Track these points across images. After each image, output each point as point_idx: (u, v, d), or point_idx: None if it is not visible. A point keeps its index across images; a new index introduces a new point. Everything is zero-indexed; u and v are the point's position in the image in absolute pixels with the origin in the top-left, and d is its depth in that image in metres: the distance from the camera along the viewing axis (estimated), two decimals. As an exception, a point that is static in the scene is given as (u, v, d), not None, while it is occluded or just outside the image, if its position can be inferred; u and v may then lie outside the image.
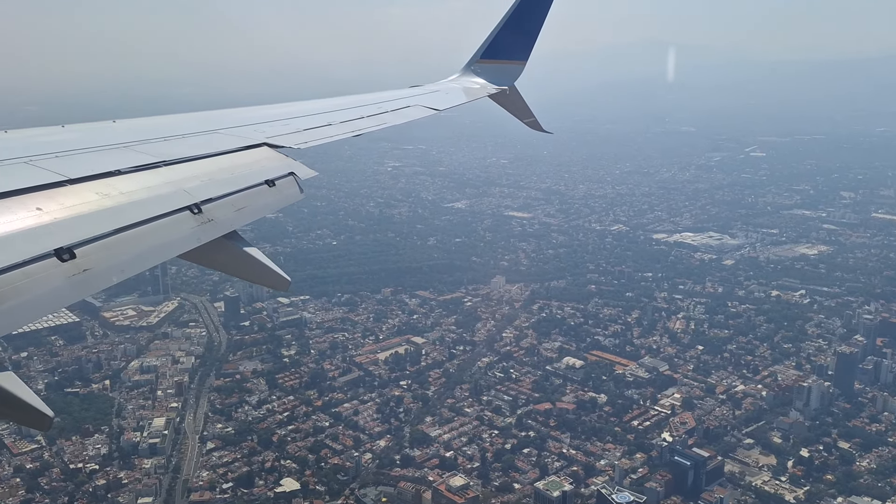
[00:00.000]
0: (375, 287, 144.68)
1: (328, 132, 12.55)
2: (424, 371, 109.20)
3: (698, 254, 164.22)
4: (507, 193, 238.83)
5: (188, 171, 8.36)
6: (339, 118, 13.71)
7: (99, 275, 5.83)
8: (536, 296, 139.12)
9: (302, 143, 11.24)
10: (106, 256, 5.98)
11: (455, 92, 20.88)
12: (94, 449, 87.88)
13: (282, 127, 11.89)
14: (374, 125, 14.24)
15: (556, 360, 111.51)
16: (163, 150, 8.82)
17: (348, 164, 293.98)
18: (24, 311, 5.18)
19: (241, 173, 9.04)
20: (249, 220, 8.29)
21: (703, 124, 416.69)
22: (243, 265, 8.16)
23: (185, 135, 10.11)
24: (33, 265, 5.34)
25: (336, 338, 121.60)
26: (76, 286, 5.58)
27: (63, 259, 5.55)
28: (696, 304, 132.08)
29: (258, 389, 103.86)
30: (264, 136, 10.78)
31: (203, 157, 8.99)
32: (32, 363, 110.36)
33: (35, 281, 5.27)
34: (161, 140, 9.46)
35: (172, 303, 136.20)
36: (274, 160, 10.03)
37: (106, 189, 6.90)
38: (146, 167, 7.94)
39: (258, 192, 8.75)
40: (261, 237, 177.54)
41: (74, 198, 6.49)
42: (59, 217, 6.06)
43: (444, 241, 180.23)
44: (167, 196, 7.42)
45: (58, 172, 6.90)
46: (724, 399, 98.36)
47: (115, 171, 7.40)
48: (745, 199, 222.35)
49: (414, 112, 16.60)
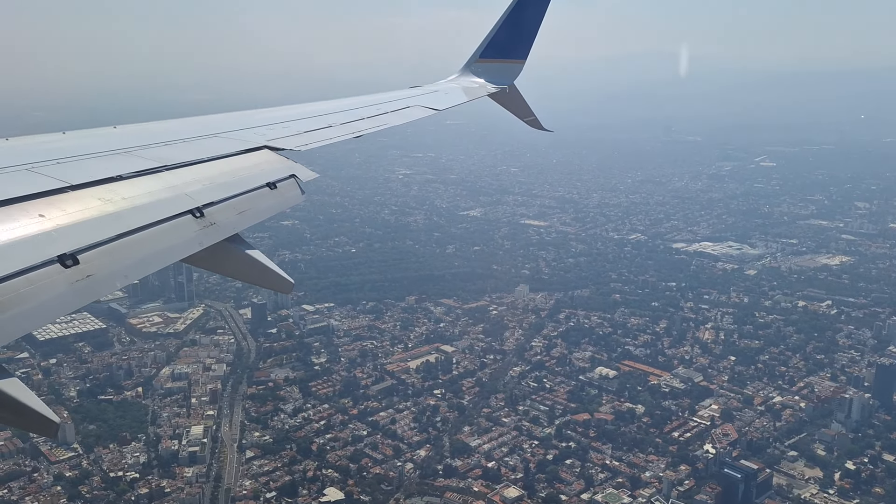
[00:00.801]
0: (399, 295, 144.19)
1: (329, 134, 12.66)
2: (457, 380, 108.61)
3: (720, 263, 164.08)
4: (520, 202, 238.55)
5: (189, 175, 8.41)
6: (340, 120, 13.82)
7: (102, 280, 5.86)
8: (561, 305, 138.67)
9: (302, 146, 11.33)
10: (109, 262, 6.02)
11: (455, 92, 20.85)
12: (133, 457, 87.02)
13: (282, 129, 12.00)
14: (374, 126, 14.32)
15: (589, 370, 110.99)
16: (164, 154, 8.87)
17: (359, 172, 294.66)
18: (28, 317, 5.21)
19: (243, 176, 9.12)
20: (251, 222, 8.34)
21: (710, 133, 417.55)
22: (246, 268, 8.23)
23: (186, 139, 10.17)
24: (37, 272, 5.37)
25: (365, 346, 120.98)
26: (80, 292, 5.61)
27: (66, 265, 5.59)
28: (723, 314, 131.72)
29: (292, 397, 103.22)
30: (265, 139, 10.89)
31: (204, 161, 9.06)
32: (62, 370, 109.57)
33: (39, 287, 5.30)
34: (162, 145, 9.52)
35: (197, 310, 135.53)
36: (275, 163, 10.13)
37: (108, 195, 6.93)
38: (148, 172, 7.98)
39: (260, 195, 8.84)
40: (279, 244, 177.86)
41: (77, 204, 6.52)
42: (61, 223, 6.09)
43: (463, 249, 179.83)
44: (169, 200, 7.49)
45: (59, 179, 6.91)
46: (763, 410, 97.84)
47: (116, 177, 7.44)
48: (760, 208, 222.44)
49: (414, 112, 16.62)
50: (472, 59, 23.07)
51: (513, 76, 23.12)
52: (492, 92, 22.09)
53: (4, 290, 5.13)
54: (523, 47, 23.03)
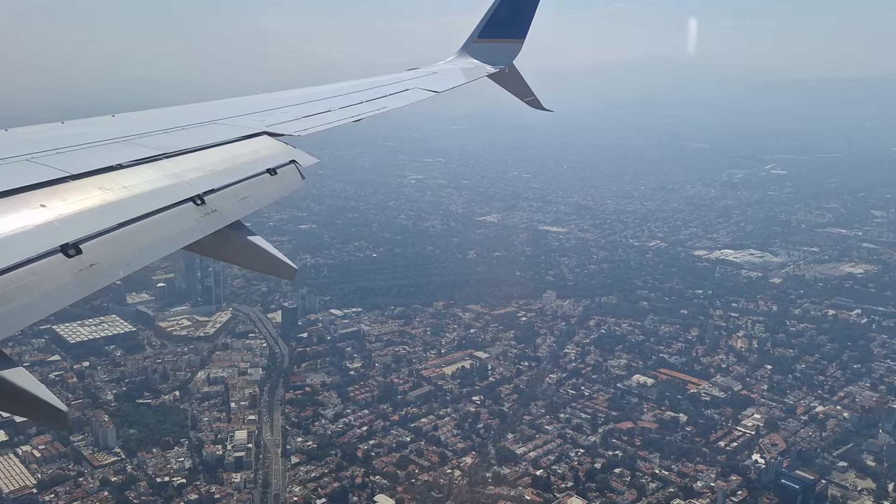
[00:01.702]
0: (426, 300, 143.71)
1: (328, 118, 12.59)
2: (494, 386, 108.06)
3: (744, 271, 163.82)
4: (536, 208, 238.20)
5: (189, 162, 8.40)
6: (339, 104, 13.73)
7: (106, 269, 5.87)
8: (590, 311, 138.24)
9: (302, 131, 11.30)
10: (112, 251, 6.03)
11: (453, 73, 20.60)
12: (178, 462, 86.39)
13: (281, 115, 11.92)
14: (373, 109, 14.24)
15: (626, 378, 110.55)
16: (163, 142, 8.84)
17: (370, 176, 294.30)
18: (33, 307, 5.21)
19: (242, 163, 9.11)
20: (252, 209, 8.33)
21: (717, 140, 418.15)
22: (249, 254, 8.25)
23: (185, 126, 10.09)
24: (40, 262, 5.37)
25: (397, 351, 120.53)
26: (84, 281, 5.63)
27: (69, 255, 5.60)
28: (753, 322, 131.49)
29: (331, 403, 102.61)
30: (264, 125, 10.85)
31: (203, 148, 9.03)
32: (96, 373, 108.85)
33: (42, 278, 5.30)
34: (161, 132, 9.48)
35: (225, 313, 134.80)
36: (274, 148, 10.10)
37: (108, 183, 6.94)
38: (147, 160, 7.97)
39: (260, 181, 8.85)
40: (300, 248, 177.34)
41: (77, 193, 6.52)
42: (62, 213, 6.10)
43: (484, 254, 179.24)
44: (169, 188, 7.49)
45: (59, 169, 6.91)
46: (807, 420, 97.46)
47: (116, 166, 7.44)
48: (777, 216, 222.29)
49: (413, 95, 16.51)
50: (471, 39, 22.82)
51: (511, 56, 22.80)
52: (491, 72, 21.88)
53: (8, 280, 5.13)
54: (521, 26, 22.78)
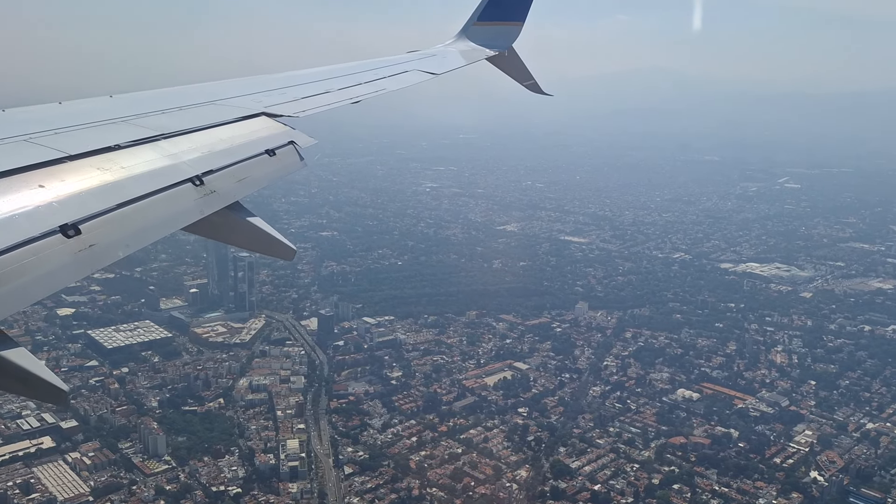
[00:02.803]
0: (458, 309, 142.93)
1: (326, 100, 12.52)
2: (539, 398, 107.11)
3: (773, 285, 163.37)
4: (554, 217, 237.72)
5: (187, 143, 8.36)
6: (337, 85, 13.65)
7: (105, 250, 5.87)
8: (624, 323, 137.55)
9: (300, 112, 11.23)
10: (111, 231, 6.03)
11: (452, 55, 20.42)
12: (231, 471, 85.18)
13: (279, 96, 11.84)
14: (372, 91, 14.15)
15: (671, 392, 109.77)
16: (161, 123, 8.78)
17: (385, 184, 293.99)
18: (33, 288, 5.21)
19: (241, 143, 9.09)
20: (251, 190, 8.31)
21: (725, 152, 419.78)
22: (249, 236, 8.21)
23: (183, 107, 10.02)
24: (39, 242, 5.37)
25: (436, 360, 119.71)
26: (83, 262, 5.62)
27: (68, 235, 5.60)
28: (790, 336, 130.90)
29: (376, 412, 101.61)
30: (262, 106, 10.80)
31: (202, 129, 9.00)
32: (137, 379, 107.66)
33: (42, 258, 5.31)
34: (159, 113, 9.39)
35: (259, 320, 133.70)
36: (273, 129, 10.08)
37: (106, 164, 6.91)
38: (145, 141, 7.91)
39: (259, 162, 8.83)
40: (324, 255, 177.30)
41: (76, 174, 6.50)
42: (61, 194, 6.07)
43: (509, 264, 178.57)
44: (168, 169, 7.45)
45: (58, 149, 6.86)
46: (859, 437, 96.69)
47: (114, 146, 7.38)
48: (797, 230, 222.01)
49: (412, 77, 16.44)
50: (470, 22, 22.56)
51: (511, 39, 22.61)
52: (490, 55, 21.65)
53: (8, 260, 5.13)
54: (521, 9, 22.60)
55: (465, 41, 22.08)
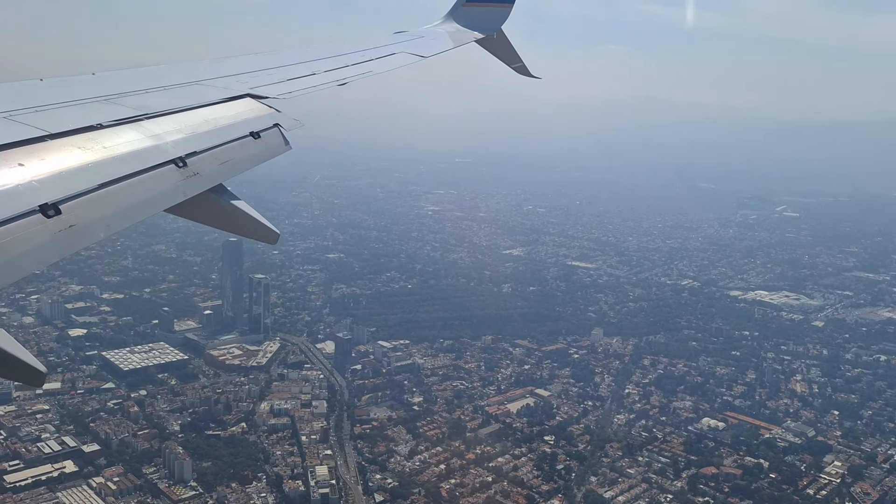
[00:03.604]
0: (473, 334, 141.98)
1: (312, 81, 12.39)
2: (564, 426, 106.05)
3: (784, 313, 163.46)
4: (559, 242, 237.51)
5: (171, 123, 8.25)
6: (323, 67, 13.49)
7: (85, 230, 5.80)
8: (641, 350, 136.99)
9: (286, 94, 11.10)
10: (92, 212, 5.95)
11: (441, 37, 20.10)
12: (260, 497, 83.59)
13: (265, 77, 11.70)
14: (358, 73, 14.00)
15: (696, 421, 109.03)
16: (144, 102, 8.66)
17: (386, 207, 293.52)
18: (12, 267, 5.14)
19: (225, 125, 8.99)
20: (236, 172, 8.23)
21: (721, 181, 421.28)
22: (232, 219, 8.14)
23: (167, 87, 9.90)
24: (18, 222, 5.27)
25: (455, 385, 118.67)
26: (63, 242, 5.55)
27: (48, 215, 5.51)
28: (808, 366, 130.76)
29: (401, 438, 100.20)
30: (247, 87, 10.68)
31: (186, 110, 8.88)
32: (157, 402, 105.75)
33: (21, 238, 5.21)
34: (142, 92, 9.25)
35: (274, 343, 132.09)
36: (258, 111, 9.95)
37: (88, 143, 6.80)
38: (128, 120, 7.79)
39: (243, 145, 8.74)
40: (333, 278, 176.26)
41: (56, 153, 6.40)
42: (41, 173, 5.97)
43: (519, 289, 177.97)
44: (150, 150, 7.37)
45: (38, 127, 6.74)
46: (889, 469, 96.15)
47: (96, 125, 7.28)
48: (800, 258, 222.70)
49: (399, 59, 16.28)
50: (459, 3, 22.15)
51: (500, 21, 22.19)
52: (479, 38, 21.30)
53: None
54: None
55: (451, 23, 21.65)
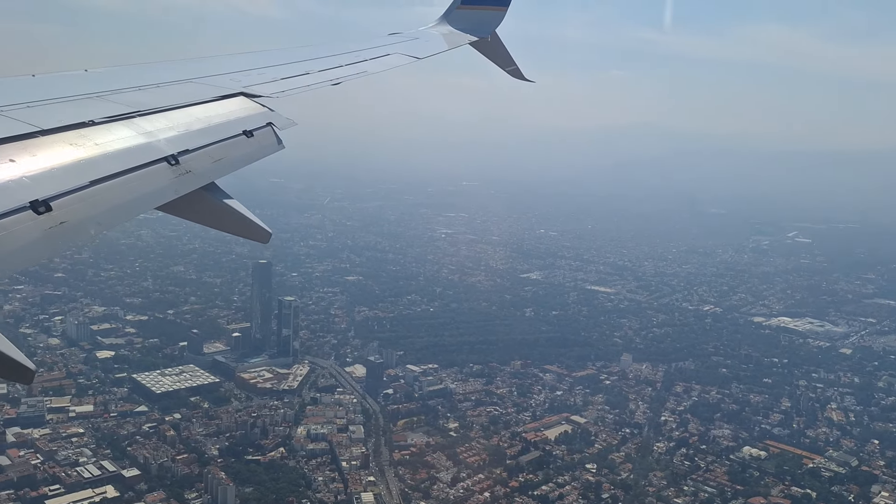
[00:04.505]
0: (501, 358, 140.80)
1: (306, 81, 12.34)
2: (604, 454, 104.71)
3: (810, 340, 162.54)
4: (575, 266, 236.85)
5: (163, 121, 8.21)
6: (317, 67, 13.41)
7: (76, 227, 5.75)
8: (671, 377, 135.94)
9: (279, 93, 11.05)
10: (83, 209, 5.90)
11: (435, 39, 20.05)
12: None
13: (258, 76, 11.66)
14: (352, 73, 13.94)
15: (736, 450, 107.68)
16: (137, 99, 8.57)
17: (400, 229, 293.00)
18: (1, 263, 5.11)
19: (218, 123, 8.94)
20: (228, 171, 8.18)
21: (731, 207, 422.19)
22: (224, 217, 8.08)
23: (160, 84, 9.79)
24: (9, 218, 5.24)
25: (490, 411, 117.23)
26: (54, 239, 5.51)
27: (39, 212, 5.47)
28: (841, 394, 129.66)
29: (441, 465, 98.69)
30: (241, 86, 10.63)
31: (178, 108, 8.83)
32: (192, 426, 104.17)
33: (11, 234, 5.17)
34: (135, 90, 9.15)
35: (304, 366, 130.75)
36: (251, 110, 9.90)
37: (80, 140, 6.75)
38: (120, 117, 7.71)
39: (236, 143, 8.69)
40: (355, 300, 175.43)
41: (48, 149, 6.34)
42: (32, 169, 5.92)
43: (541, 313, 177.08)
44: (143, 147, 7.32)
45: (30, 123, 6.67)
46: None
47: (88, 122, 7.20)
48: (819, 285, 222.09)
49: (394, 60, 16.19)
50: (454, 6, 22.05)
51: (494, 24, 22.07)
52: (473, 41, 21.20)
53: None
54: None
55: (446, 25, 21.53)
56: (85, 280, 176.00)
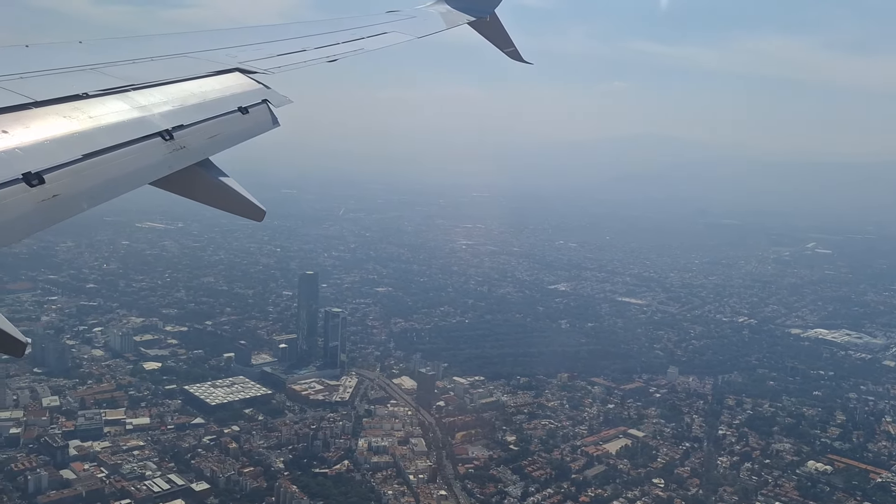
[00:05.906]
0: (547, 371, 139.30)
1: (302, 57, 12.14)
2: (669, 468, 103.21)
3: (851, 352, 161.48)
4: (601, 278, 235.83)
5: (158, 95, 8.05)
6: (314, 43, 13.20)
7: (69, 201, 5.67)
8: (720, 390, 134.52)
9: (275, 69, 10.86)
10: (76, 182, 5.81)
11: (433, 18, 19.75)
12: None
13: (254, 51, 11.44)
14: (350, 51, 13.72)
15: (801, 464, 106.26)
16: (131, 73, 8.40)
17: (419, 240, 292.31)
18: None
19: (213, 99, 8.77)
20: (223, 148, 8.04)
21: (742, 217, 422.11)
22: (218, 194, 7.93)
23: (155, 58, 9.58)
24: (1, 190, 5.14)
25: (545, 424, 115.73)
26: (46, 212, 5.43)
27: (32, 184, 5.37)
28: (894, 406, 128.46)
29: (508, 479, 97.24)
30: (237, 61, 10.45)
31: (173, 82, 8.65)
32: (253, 438, 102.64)
33: (4, 206, 5.10)
34: (129, 63, 8.96)
35: (351, 377, 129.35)
36: (246, 87, 9.73)
37: (73, 112, 6.63)
38: (114, 91, 7.58)
39: (231, 120, 8.56)
40: (390, 312, 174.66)
41: (41, 121, 6.22)
42: (25, 141, 5.82)
43: (577, 325, 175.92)
44: (137, 121, 7.20)
45: (23, 94, 6.52)
46: None
47: (82, 95, 7.07)
48: (848, 296, 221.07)
49: (391, 38, 15.98)
50: None
51: (493, 4, 21.75)
52: (472, 20, 20.81)
53: None
54: None
55: (444, 4, 21.09)
56: (118, 291, 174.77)
